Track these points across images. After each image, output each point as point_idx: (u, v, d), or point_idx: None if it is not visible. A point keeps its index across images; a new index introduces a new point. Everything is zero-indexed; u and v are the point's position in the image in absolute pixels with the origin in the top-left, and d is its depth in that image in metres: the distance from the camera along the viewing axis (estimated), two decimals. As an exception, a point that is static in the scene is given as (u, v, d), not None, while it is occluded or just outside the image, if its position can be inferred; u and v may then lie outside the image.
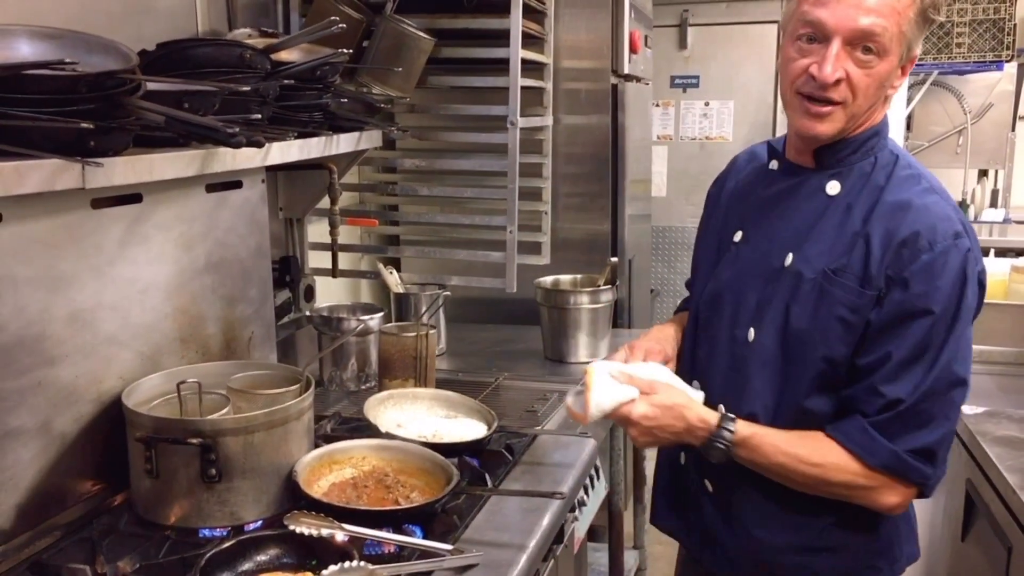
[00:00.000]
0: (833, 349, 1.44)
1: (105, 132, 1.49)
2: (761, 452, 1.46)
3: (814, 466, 1.45)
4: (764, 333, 1.51)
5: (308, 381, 1.82)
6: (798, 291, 1.47)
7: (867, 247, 1.42)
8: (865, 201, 1.46)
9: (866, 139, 1.48)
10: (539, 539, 1.69)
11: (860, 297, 1.42)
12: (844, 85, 1.39)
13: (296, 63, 2.10)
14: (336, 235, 2.47)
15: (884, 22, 1.35)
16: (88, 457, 1.73)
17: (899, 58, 1.40)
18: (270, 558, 1.53)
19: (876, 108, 1.46)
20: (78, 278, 1.67)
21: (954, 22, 4.94)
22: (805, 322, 1.46)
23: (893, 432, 1.41)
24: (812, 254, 1.47)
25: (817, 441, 1.45)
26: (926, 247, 1.38)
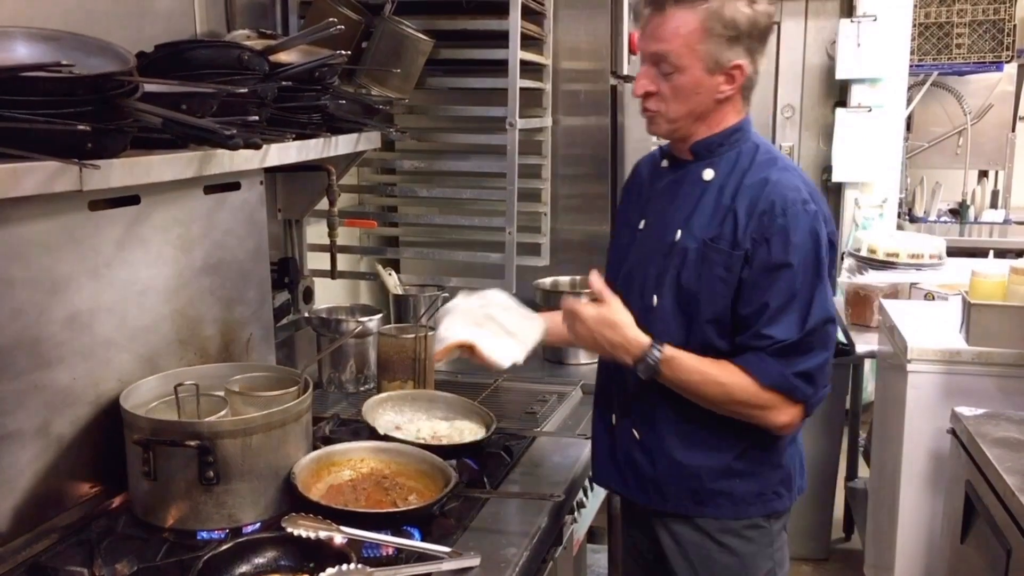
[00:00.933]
0: (716, 304, 1.73)
1: (103, 134, 1.48)
2: (682, 369, 1.72)
3: (720, 384, 1.72)
4: (664, 298, 1.78)
5: (306, 383, 1.82)
6: (686, 260, 1.75)
7: (735, 218, 1.71)
8: (733, 182, 1.75)
9: (729, 134, 1.77)
10: (537, 541, 1.69)
11: (731, 258, 1.70)
12: (655, 98, 1.72)
13: (294, 64, 2.09)
14: (335, 236, 2.47)
15: (669, 46, 1.66)
16: (86, 459, 1.73)
17: (705, 69, 1.67)
18: (268, 561, 1.53)
19: (720, 112, 1.74)
20: (75, 280, 1.67)
21: (954, 23, 4.94)
22: (693, 284, 1.74)
23: (782, 358, 1.69)
24: (695, 228, 1.75)
25: (724, 365, 1.73)
26: (780, 213, 1.68)
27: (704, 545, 1.83)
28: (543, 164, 3.08)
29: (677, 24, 1.65)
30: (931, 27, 4.99)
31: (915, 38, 4.99)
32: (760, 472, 1.82)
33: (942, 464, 2.46)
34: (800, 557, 3.73)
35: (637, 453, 1.86)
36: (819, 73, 5.09)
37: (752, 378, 1.70)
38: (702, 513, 1.82)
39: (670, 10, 1.66)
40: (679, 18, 1.65)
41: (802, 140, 5.18)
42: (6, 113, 1.35)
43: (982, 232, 5.44)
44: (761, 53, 1.72)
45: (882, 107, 4.79)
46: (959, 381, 2.47)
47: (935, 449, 2.50)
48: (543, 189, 3.07)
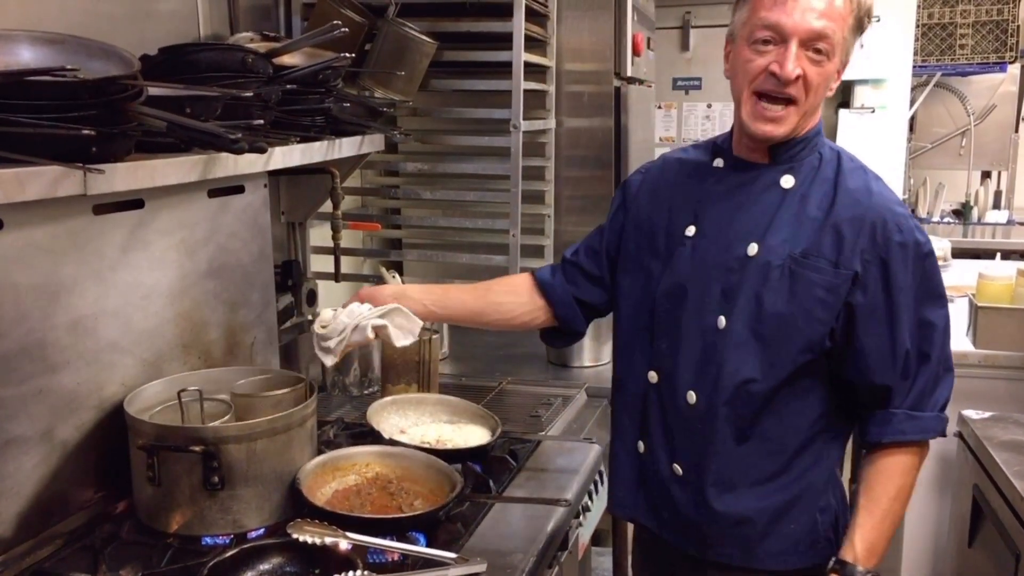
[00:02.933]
0: (814, 330, 1.55)
1: (107, 138, 1.48)
2: (881, 543, 1.56)
3: (899, 490, 1.57)
4: (735, 320, 1.58)
5: (311, 387, 1.81)
6: (767, 278, 1.56)
7: (836, 232, 1.54)
8: (819, 192, 1.58)
9: (811, 137, 1.60)
10: (543, 546, 1.68)
11: (836, 277, 1.53)
12: (800, 82, 1.50)
13: (298, 67, 2.09)
14: (339, 239, 2.46)
15: (832, 25, 1.48)
16: (90, 465, 1.72)
17: (840, 62, 1.53)
18: (273, 567, 1.53)
19: (815, 110, 1.58)
20: (80, 284, 1.67)
21: (957, 24, 4.93)
22: (782, 306, 1.55)
23: (925, 404, 1.56)
24: (775, 243, 1.57)
25: (878, 475, 1.57)
26: (896, 229, 1.53)
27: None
28: (546, 166, 3.07)
29: (842, 4, 1.50)
30: (934, 28, 4.98)
31: (918, 39, 4.98)
32: (813, 515, 1.65)
33: (948, 467, 2.46)
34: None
35: (676, 490, 1.68)
36: (822, 74, 5.08)
37: (911, 446, 1.57)
38: (751, 564, 1.65)
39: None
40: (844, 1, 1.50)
41: (805, 141, 5.17)
42: (11, 118, 1.35)
43: (985, 233, 5.43)
44: None
45: (885, 108, 4.78)
46: (966, 384, 2.44)
47: (941, 452, 2.49)
48: (546, 191, 3.07)
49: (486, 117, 2.87)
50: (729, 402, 1.59)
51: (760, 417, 1.60)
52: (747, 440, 1.61)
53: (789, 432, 1.61)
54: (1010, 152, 5.64)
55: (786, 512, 1.63)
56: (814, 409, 1.62)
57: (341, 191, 2.46)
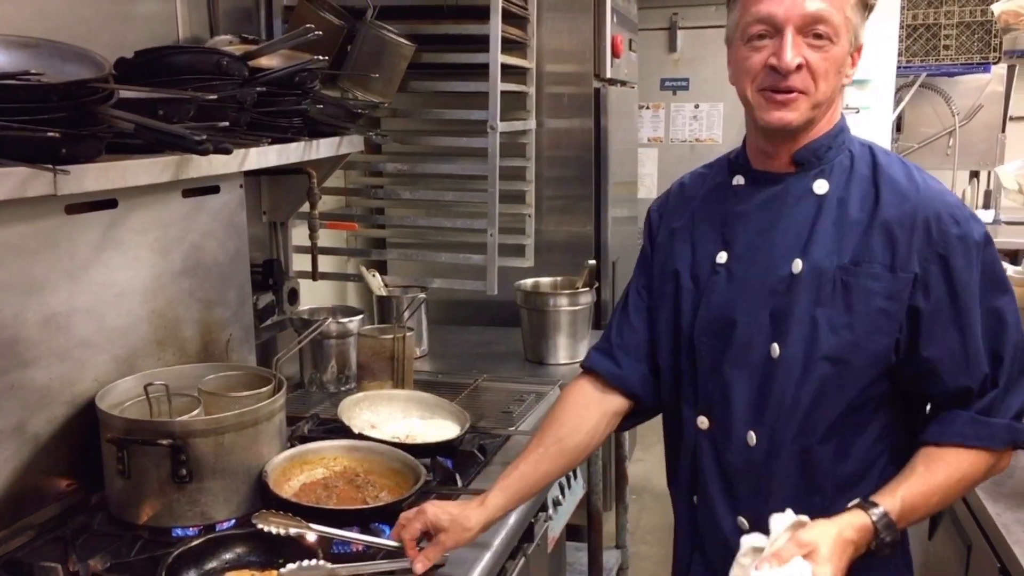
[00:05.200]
0: (876, 341, 1.42)
1: (76, 140, 1.52)
2: (917, 509, 1.40)
3: (960, 481, 1.43)
4: (790, 346, 1.45)
5: (279, 383, 1.85)
6: (820, 295, 1.43)
7: (888, 232, 1.42)
8: (857, 192, 1.46)
9: (837, 134, 1.49)
10: (504, 537, 1.72)
11: (894, 283, 1.40)
12: (804, 72, 1.39)
13: (273, 70, 2.13)
14: (315, 239, 2.50)
15: (830, 6, 1.37)
16: (62, 458, 1.76)
17: (849, 44, 1.40)
18: (237, 556, 1.57)
19: (836, 100, 1.47)
20: (52, 282, 1.71)
21: (941, 24, 4.97)
22: (840, 321, 1.43)
23: (997, 409, 1.42)
24: (819, 255, 1.44)
25: (944, 459, 1.42)
26: (952, 222, 1.40)
27: None
28: (527, 166, 3.11)
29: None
30: (919, 28, 5.03)
31: (903, 40, 5.02)
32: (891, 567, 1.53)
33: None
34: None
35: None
36: (808, 75, 5.12)
37: (981, 450, 1.42)
38: None
39: None
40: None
41: (792, 141, 5.21)
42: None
43: (972, 232, 5.47)
44: None
45: (870, 108, 4.82)
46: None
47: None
48: (527, 191, 3.11)
49: (465, 118, 2.91)
50: (796, 438, 1.46)
51: (825, 451, 1.47)
52: (811, 479, 1.48)
53: (849, 466, 1.48)
54: (997, 152, 5.67)
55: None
56: (879, 431, 1.48)
57: (318, 192, 2.50)
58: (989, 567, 1.72)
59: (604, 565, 3.00)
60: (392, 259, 3.32)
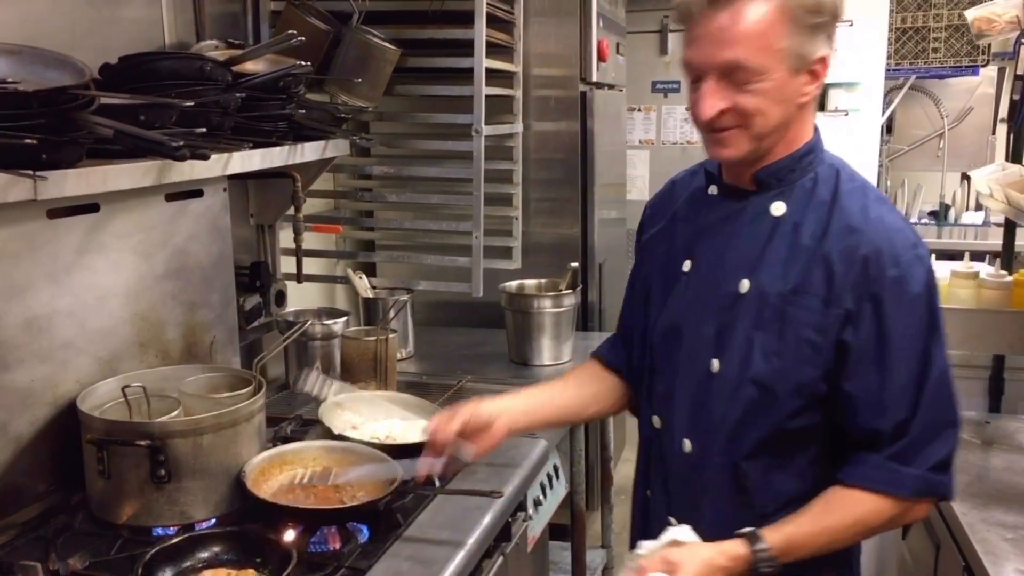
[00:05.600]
0: (804, 374, 1.42)
1: (56, 146, 1.55)
2: (802, 547, 1.41)
3: (854, 525, 1.42)
4: (727, 364, 1.47)
5: (260, 384, 1.88)
6: (761, 317, 1.44)
7: (827, 265, 1.40)
8: (813, 219, 1.43)
9: (802, 155, 1.45)
10: (478, 536, 1.75)
11: (825, 317, 1.39)
12: (731, 114, 1.38)
13: (256, 75, 2.15)
14: (300, 241, 2.53)
15: (745, 50, 1.33)
16: (44, 458, 1.79)
17: (790, 70, 1.35)
18: (214, 555, 1.59)
19: (798, 123, 1.43)
20: (34, 285, 1.74)
21: (930, 27, 5.00)
22: (772, 348, 1.43)
23: (911, 456, 1.39)
24: (766, 277, 1.44)
25: (842, 501, 1.42)
26: (892, 263, 1.37)
27: None
28: (514, 169, 3.14)
29: (751, 18, 1.33)
30: (908, 31, 5.06)
31: (893, 43, 5.05)
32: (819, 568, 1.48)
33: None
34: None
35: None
36: (798, 77, 5.15)
37: (883, 496, 1.40)
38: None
39: (740, 2, 1.33)
40: (752, 10, 1.33)
41: (782, 143, 5.24)
42: (-41, 127, 1.42)
43: (962, 234, 5.50)
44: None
45: (859, 111, 4.85)
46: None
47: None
48: (514, 193, 3.14)
49: (451, 121, 2.94)
50: (724, 452, 1.48)
51: (755, 467, 1.48)
52: (743, 491, 1.49)
53: (786, 483, 1.48)
54: (987, 154, 5.69)
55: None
56: (815, 454, 1.48)
57: (303, 195, 2.52)
58: (955, 566, 1.74)
59: (588, 564, 3.02)
60: (379, 261, 3.35)
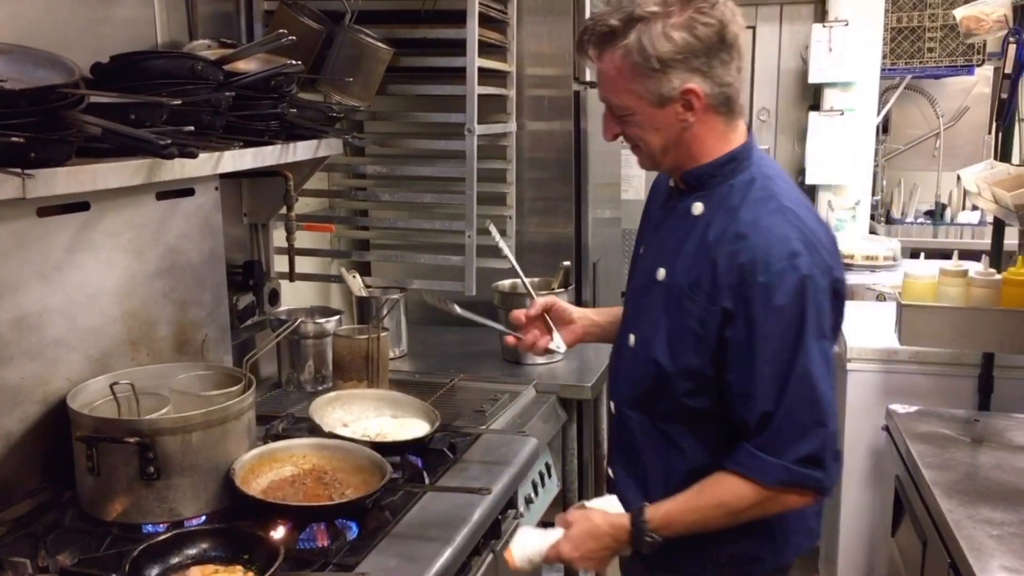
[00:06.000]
0: (688, 359, 1.58)
1: (45, 144, 1.56)
2: (679, 523, 1.59)
3: (720, 506, 1.57)
4: (640, 340, 1.68)
5: (249, 381, 1.88)
6: (668, 304, 1.62)
7: (714, 267, 1.54)
8: (720, 222, 1.57)
9: (722, 164, 1.60)
10: (467, 533, 1.75)
11: (707, 312, 1.55)
12: (625, 137, 1.63)
13: (248, 74, 2.16)
14: (292, 240, 2.54)
15: (608, 93, 1.59)
16: (35, 456, 1.80)
17: (652, 104, 1.55)
18: (202, 552, 1.60)
19: (689, 142, 1.59)
20: (24, 284, 1.74)
21: (925, 27, 5.01)
22: (670, 332, 1.61)
23: (776, 448, 1.51)
24: (678, 270, 1.61)
25: (716, 484, 1.58)
26: (762, 269, 1.49)
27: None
28: (508, 168, 3.15)
29: (607, 68, 1.56)
30: (903, 31, 5.06)
31: (888, 42, 5.05)
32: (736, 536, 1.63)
33: (880, 461, 2.54)
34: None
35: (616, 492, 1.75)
36: (794, 77, 5.17)
37: (751, 482, 1.53)
38: (680, 571, 1.71)
39: (597, 57, 1.57)
40: (606, 62, 1.56)
41: (778, 143, 5.26)
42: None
43: (957, 233, 5.51)
44: (722, 66, 1.53)
45: (854, 110, 4.86)
46: (896, 380, 2.54)
47: (873, 446, 2.57)
48: (508, 193, 3.14)
49: (444, 121, 2.94)
50: (640, 416, 1.69)
51: (675, 430, 1.66)
52: (673, 448, 1.66)
53: (702, 451, 1.64)
54: (983, 153, 5.68)
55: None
56: (716, 436, 1.62)
57: (295, 194, 2.53)
58: (942, 562, 1.75)
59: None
60: (373, 260, 3.36)
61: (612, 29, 1.53)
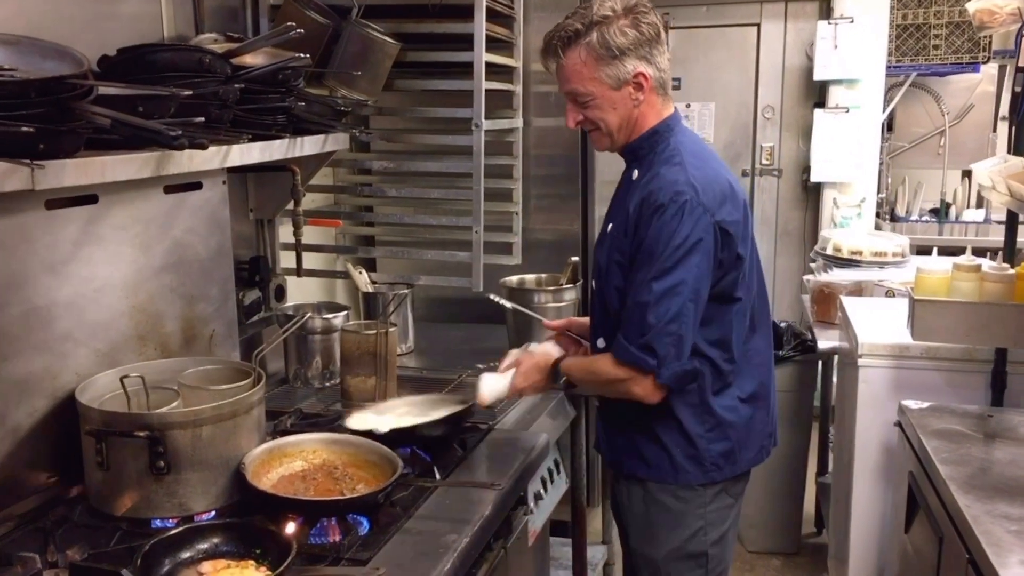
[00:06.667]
0: (615, 282, 1.96)
1: (54, 135, 1.54)
2: (573, 375, 2.08)
3: (592, 372, 2.02)
4: (595, 282, 2.08)
5: (259, 376, 1.87)
6: (609, 247, 1.99)
7: (630, 208, 1.93)
8: (645, 179, 1.95)
9: (648, 137, 1.98)
10: (479, 529, 1.74)
11: (624, 243, 1.93)
12: (586, 122, 1.98)
13: (255, 67, 2.14)
14: (299, 235, 2.52)
15: (573, 84, 1.93)
16: (43, 450, 1.78)
17: (610, 87, 1.91)
18: (213, 546, 1.58)
19: (635, 118, 1.96)
20: (32, 277, 1.73)
21: (931, 24, 4.99)
22: (609, 268, 1.98)
23: (628, 333, 1.90)
24: (617, 221, 1.99)
25: (598, 357, 2.02)
26: (652, 203, 1.87)
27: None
28: (514, 164, 3.13)
29: (571, 63, 1.91)
30: (909, 28, 5.03)
31: (893, 39, 5.03)
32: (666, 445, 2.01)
33: (892, 457, 2.52)
34: (770, 551, 3.78)
35: (599, 419, 2.18)
36: (799, 74, 5.14)
37: (610, 356, 1.93)
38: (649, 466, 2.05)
39: (562, 55, 1.92)
40: (571, 57, 1.91)
41: (782, 140, 5.23)
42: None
43: (963, 231, 5.49)
44: (660, 54, 1.94)
45: (859, 108, 4.84)
46: (908, 375, 2.52)
47: (885, 442, 2.55)
48: (514, 189, 3.12)
49: (450, 116, 2.93)
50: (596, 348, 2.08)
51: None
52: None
53: None
54: (988, 151, 5.67)
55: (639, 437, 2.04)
56: None
57: (302, 189, 2.52)
58: (959, 558, 1.73)
59: (589, 560, 3.01)
60: (378, 256, 3.34)
61: (576, 31, 1.90)
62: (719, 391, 1.99)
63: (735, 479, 2.06)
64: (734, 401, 2.01)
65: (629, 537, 2.13)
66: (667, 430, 2.00)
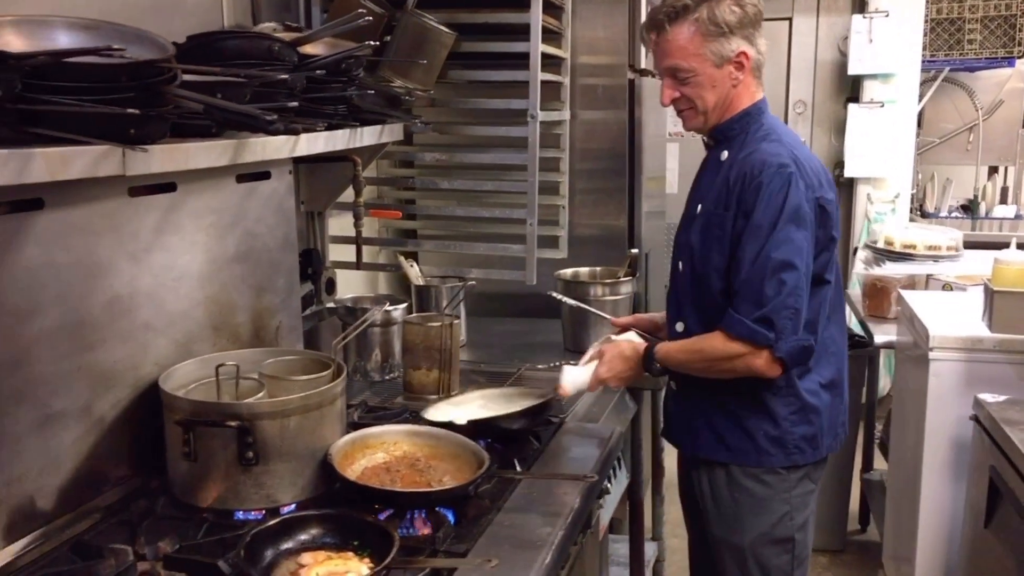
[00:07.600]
0: (712, 259, 1.96)
1: (145, 120, 1.51)
2: (673, 358, 2.02)
3: (699, 351, 1.97)
4: (685, 264, 2.05)
5: (339, 367, 1.84)
6: (702, 226, 2.00)
7: (728, 184, 1.95)
8: (737, 159, 1.98)
9: (738, 120, 2.01)
10: (570, 522, 1.71)
11: (724, 219, 1.94)
12: (682, 100, 1.99)
13: (323, 56, 2.12)
14: (360, 227, 2.48)
15: (676, 59, 1.95)
16: (126, 442, 1.75)
17: (713, 64, 1.94)
18: (312, 537, 1.56)
19: (731, 98, 1.99)
20: (115, 265, 1.70)
21: (965, 18, 4.96)
22: (696, 244, 2.00)
23: (740, 309, 1.89)
24: (708, 201, 2.01)
25: (703, 337, 1.97)
26: (756, 175, 1.90)
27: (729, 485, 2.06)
28: (561, 157, 3.10)
29: (677, 37, 1.94)
30: (943, 22, 5.01)
31: (927, 34, 5.01)
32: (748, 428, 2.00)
33: (963, 452, 2.48)
34: (817, 548, 3.74)
35: (671, 405, 2.18)
36: (831, 69, 5.11)
37: (721, 332, 1.91)
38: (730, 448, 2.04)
39: (668, 28, 1.94)
40: (677, 32, 1.93)
41: (814, 135, 5.20)
42: (54, 98, 1.37)
43: (993, 227, 5.46)
44: (759, 37, 1.98)
45: (894, 103, 4.81)
46: (980, 369, 2.48)
47: (956, 437, 2.52)
48: (561, 182, 3.10)
49: (503, 108, 2.90)
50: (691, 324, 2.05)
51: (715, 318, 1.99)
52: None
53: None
54: (1017, 147, 5.66)
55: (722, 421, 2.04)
56: None
57: (363, 179, 2.48)
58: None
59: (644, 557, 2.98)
60: (427, 250, 3.31)
61: (685, 6, 1.92)
62: (803, 374, 1.99)
63: (816, 464, 2.05)
64: (816, 385, 2.00)
65: (710, 525, 2.10)
66: (751, 412, 1.99)
